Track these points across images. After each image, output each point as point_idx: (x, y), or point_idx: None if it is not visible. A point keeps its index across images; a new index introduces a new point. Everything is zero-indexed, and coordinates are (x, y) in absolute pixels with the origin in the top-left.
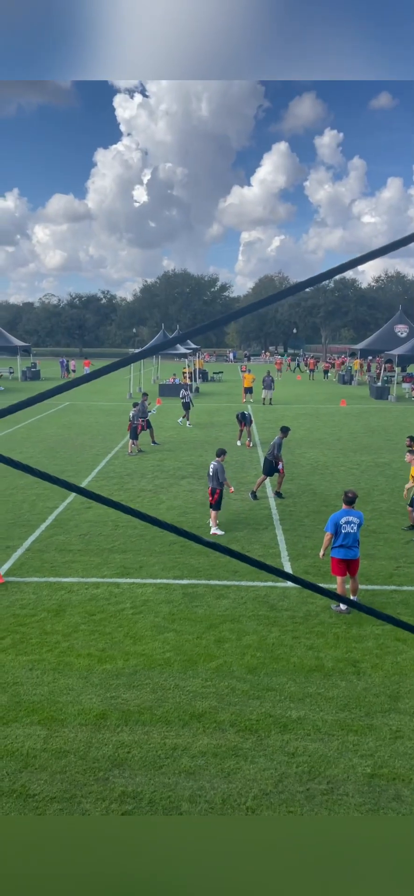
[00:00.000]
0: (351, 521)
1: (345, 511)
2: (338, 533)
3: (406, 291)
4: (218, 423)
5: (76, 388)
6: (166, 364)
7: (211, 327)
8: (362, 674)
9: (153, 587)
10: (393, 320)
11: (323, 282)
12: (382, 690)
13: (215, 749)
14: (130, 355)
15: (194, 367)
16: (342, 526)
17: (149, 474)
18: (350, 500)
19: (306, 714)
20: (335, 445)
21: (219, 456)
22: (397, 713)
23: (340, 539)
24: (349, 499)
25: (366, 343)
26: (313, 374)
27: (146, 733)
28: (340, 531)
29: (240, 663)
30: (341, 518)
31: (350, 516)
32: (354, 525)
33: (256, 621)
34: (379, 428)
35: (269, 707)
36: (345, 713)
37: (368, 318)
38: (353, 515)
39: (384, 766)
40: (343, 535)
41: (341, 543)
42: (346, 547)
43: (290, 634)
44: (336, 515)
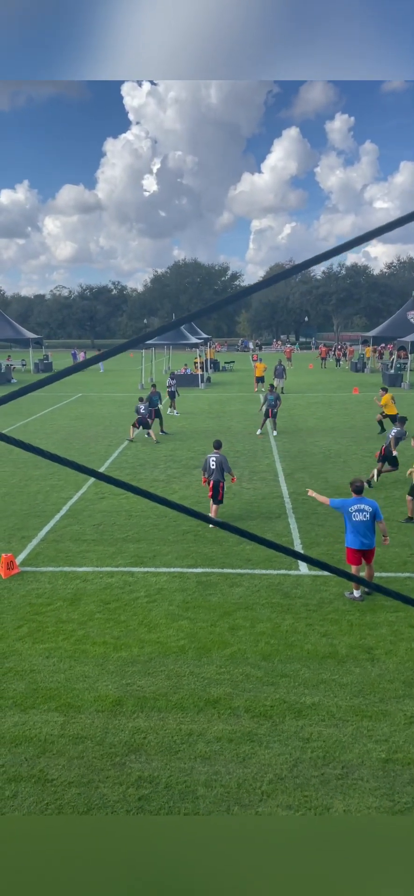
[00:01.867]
0: (363, 508)
1: (356, 499)
2: (347, 520)
3: None
4: (230, 413)
5: (88, 379)
6: (178, 354)
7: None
8: (376, 660)
9: (167, 576)
10: (405, 307)
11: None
12: (397, 677)
13: (230, 734)
14: (135, 338)
15: (206, 356)
16: (353, 514)
17: (161, 464)
18: (358, 488)
19: (321, 700)
20: (348, 434)
21: (218, 448)
22: (412, 699)
23: (354, 529)
24: (357, 487)
25: (378, 330)
26: (325, 363)
27: (162, 719)
28: (351, 519)
29: (254, 650)
30: (351, 505)
31: (362, 504)
32: (366, 513)
33: (269, 609)
34: None
35: (283, 693)
36: (359, 699)
37: (381, 305)
38: (365, 503)
39: (399, 751)
40: (356, 524)
41: (355, 532)
42: (360, 536)
43: (303, 622)
44: (347, 501)
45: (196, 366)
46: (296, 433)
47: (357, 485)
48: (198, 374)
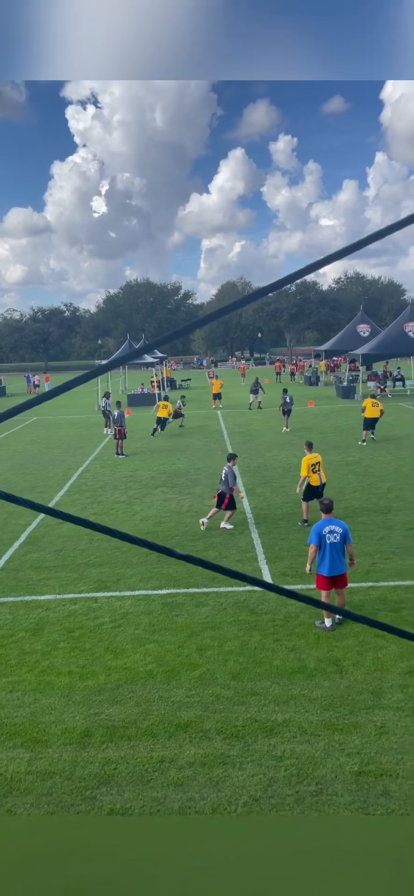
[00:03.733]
0: (334, 530)
1: (326, 520)
2: (322, 545)
3: (366, 292)
4: (188, 430)
5: (43, 403)
6: (134, 374)
7: (208, 320)
8: (345, 672)
9: (132, 599)
10: (355, 320)
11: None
12: (365, 687)
13: (203, 758)
14: (97, 367)
15: (162, 375)
16: (326, 536)
17: (122, 486)
18: (327, 507)
19: (291, 716)
20: None
21: (230, 461)
22: (381, 709)
23: (326, 554)
24: (326, 506)
25: (330, 344)
26: (280, 377)
27: (132, 748)
28: (325, 542)
29: (223, 670)
30: (324, 528)
31: (332, 525)
32: (337, 535)
33: (236, 626)
34: (347, 427)
35: (254, 712)
36: (330, 713)
37: (331, 319)
38: (335, 525)
39: (371, 762)
40: (329, 548)
41: (327, 559)
42: (330, 563)
43: (271, 637)
44: (318, 526)
45: (153, 385)
46: (255, 448)
47: (326, 503)
48: (155, 392)
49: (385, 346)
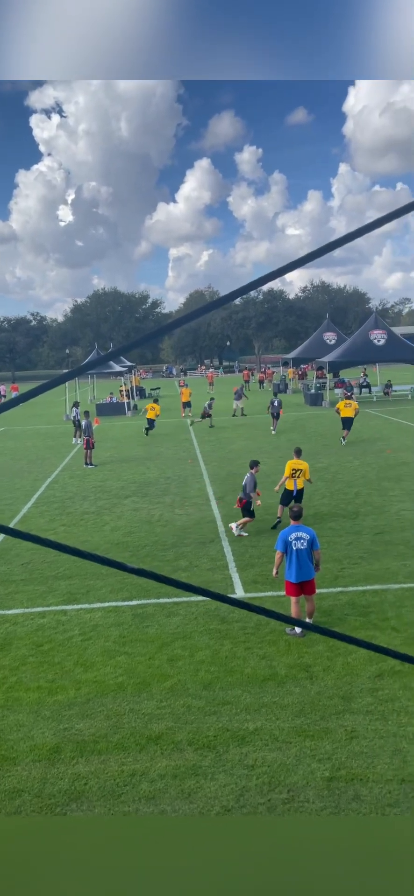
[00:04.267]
0: (301, 536)
1: (293, 527)
2: (289, 551)
3: (332, 300)
4: (158, 439)
5: (8, 412)
6: (102, 383)
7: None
8: (315, 678)
9: (102, 611)
10: (321, 328)
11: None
12: (335, 693)
13: (174, 770)
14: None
15: (131, 384)
16: (292, 543)
17: (91, 496)
18: (296, 514)
19: (263, 724)
20: (275, 454)
21: (252, 468)
22: (351, 713)
23: (293, 560)
24: (295, 513)
25: (297, 352)
26: (249, 385)
27: (103, 762)
28: (291, 549)
29: (194, 680)
30: (290, 534)
31: (299, 532)
32: (304, 541)
33: (207, 636)
34: (315, 433)
35: (226, 721)
36: (301, 719)
37: (298, 327)
38: (302, 531)
39: (342, 767)
40: (295, 554)
41: (294, 565)
42: (298, 568)
43: (242, 646)
44: (284, 532)
45: (122, 394)
46: (225, 456)
47: (295, 510)
48: (124, 402)
49: (351, 353)
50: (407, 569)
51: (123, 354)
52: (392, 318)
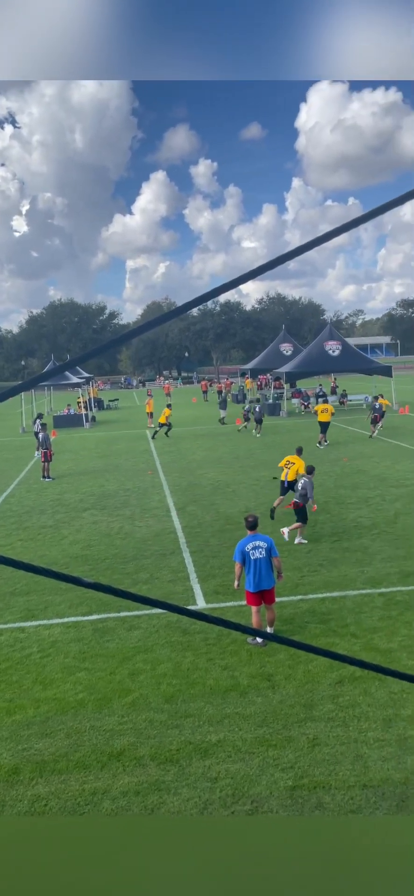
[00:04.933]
0: (258, 545)
1: (250, 537)
2: (247, 562)
3: (288, 312)
4: (117, 451)
5: None
6: (60, 395)
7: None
8: (277, 687)
9: (61, 627)
10: (278, 339)
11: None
12: (297, 700)
13: (137, 787)
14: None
15: (89, 395)
16: (250, 553)
17: (49, 510)
18: (251, 524)
19: (226, 736)
20: (234, 464)
21: (310, 473)
22: (313, 721)
23: (251, 569)
24: (250, 524)
25: (255, 363)
26: (207, 396)
27: (63, 782)
28: (249, 559)
29: (156, 694)
30: (247, 544)
31: (257, 541)
32: (262, 550)
33: (169, 648)
34: (274, 443)
35: (188, 734)
36: (263, 729)
37: (255, 338)
38: (259, 540)
39: (305, 776)
40: (253, 564)
41: (253, 575)
42: (257, 578)
43: (204, 657)
44: (241, 543)
45: (80, 405)
46: (184, 467)
47: (250, 520)
48: (82, 413)
49: (307, 364)
50: (365, 575)
51: (81, 365)
52: (346, 330)
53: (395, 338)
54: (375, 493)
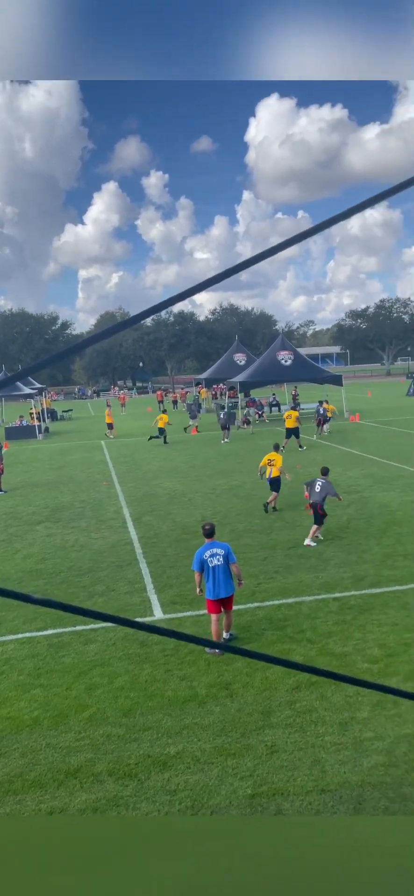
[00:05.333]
0: (216, 552)
1: (208, 545)
2: (206, 569)
3: (241, 322)
4: (72, 462)
5: None
6: (11, 406)
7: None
8: (235, 695)
9: (15, 643)
10: (231, 350)
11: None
12: (255, 708)
13: (95, 803)
14: None
15: (42, 406)
16: (207, 561)
17: (0, 523)
18: (208, 532)
19: (184, 747)
20: (190, 473)
21: (325, 474)
22: (271, 728)
23: (210, 577)
24: (207, 531)
25: (209, 372)
26: (163, 405)
27: (19, 802)
28: (207, 567)
29: (113, 708)
30: (205, 552)
31: (214, 548)
32: (220, 557)
33: (127, 661)
34: (230, 452)
35: (147, 748)
36: (222, 738)
37: (209, 348)
38: (217, 547)
39: (263, 783)
40: (212, 572)
41: (211, 582)
42: (216, 586)
43: (162, 668)
44: (199, 551)
45: (32, 416)
46: (141, 477)
47: (207, 528)
48: (35, 424)
49: (260, 373)
50: (320, 580)
51: (33, 375)
52: (298, 340)
53: (344, 347)
54: (328, 499)
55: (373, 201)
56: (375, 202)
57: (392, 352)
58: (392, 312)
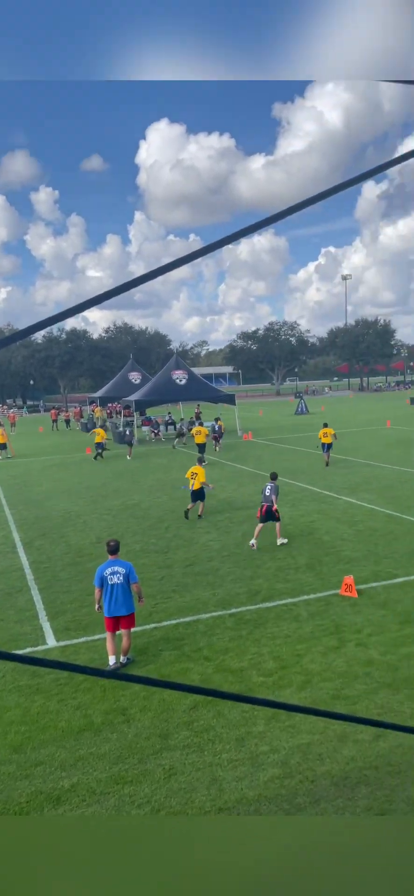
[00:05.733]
0: (116, 571)
1: (109, 562)
2: (105, 586)
3: (135, 341)
4: None
5: None
6: None
7: None
8: (132, 720)
9: None
10: (126, 368)
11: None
12: (153, 732)
13: None
14: None
15: None
16: (108, 578)
17: None
18: (112, 549)
19: (79, 779)
20: (85, 494)
21: (274, 479)
22: (169, 750)
23: (108, 595)
24: (111, 548)
25: (104, 391)
26: (57, 425)
27: None
28: (107, 584)
29: (3, 744)
30: (106, 569)
31: (115, 566)
32: (120, 575)
33: (17, 693)
34: (126, 471)
35: (39, 783)
36: (118, 766)
37: (103, 366)
38: (118, 566)
39: (161, 808)
40: (110, 589)
41: (108, 600)
42: (113, 604)
43: (55, 699)
44: (101, 568)
45: None
46: (32, 499)
47: (111, 545)
48: None
49: (155, 392)
50: (216, 597)
51: None
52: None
53: (237, 368)
54: (223, 516)
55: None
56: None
57: (281, 372)
58: (280, 335)
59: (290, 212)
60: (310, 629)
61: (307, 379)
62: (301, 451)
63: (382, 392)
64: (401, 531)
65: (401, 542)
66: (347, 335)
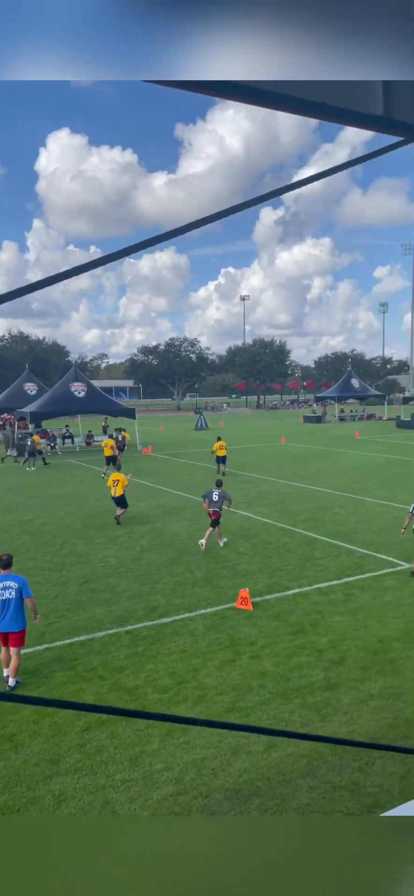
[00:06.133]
0: (8, 586)
1: (2, 577)
2: None
3: (31, 351)
4: None
5: None
6: None
7: None
8: (20, 746)
9: None
10: (21, 378)
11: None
12: (43, 757)
13: None
14: None
15: None
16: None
17: None
18: (4, 563)
19: None
20: None
21: (219, 486)
22: (59, 775)
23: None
24: (3, 562)
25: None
26: None
27: None
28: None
29: None
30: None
31: (7, 581)
32: (12, 591)
33: None
34: (18, 485)
35: None
36: (5, 796)
37: None
38: (11, 580)
39: None
40: (1, 605)
41: None
42: (3, 619)
43: None
44: None
45: None
46: None
47: (4, 559)
48: None
49: (52, 404)
50: (112, 614)
51: None
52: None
53: (137, 382)
54: (121, 531)
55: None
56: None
57: (182, 388)
58: (181, 351)
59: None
60: (206, 643)
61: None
62: (199, 466)
63: (277, 410)
64: (293, 544)
65: (293, 555)
66: (245, 354)
